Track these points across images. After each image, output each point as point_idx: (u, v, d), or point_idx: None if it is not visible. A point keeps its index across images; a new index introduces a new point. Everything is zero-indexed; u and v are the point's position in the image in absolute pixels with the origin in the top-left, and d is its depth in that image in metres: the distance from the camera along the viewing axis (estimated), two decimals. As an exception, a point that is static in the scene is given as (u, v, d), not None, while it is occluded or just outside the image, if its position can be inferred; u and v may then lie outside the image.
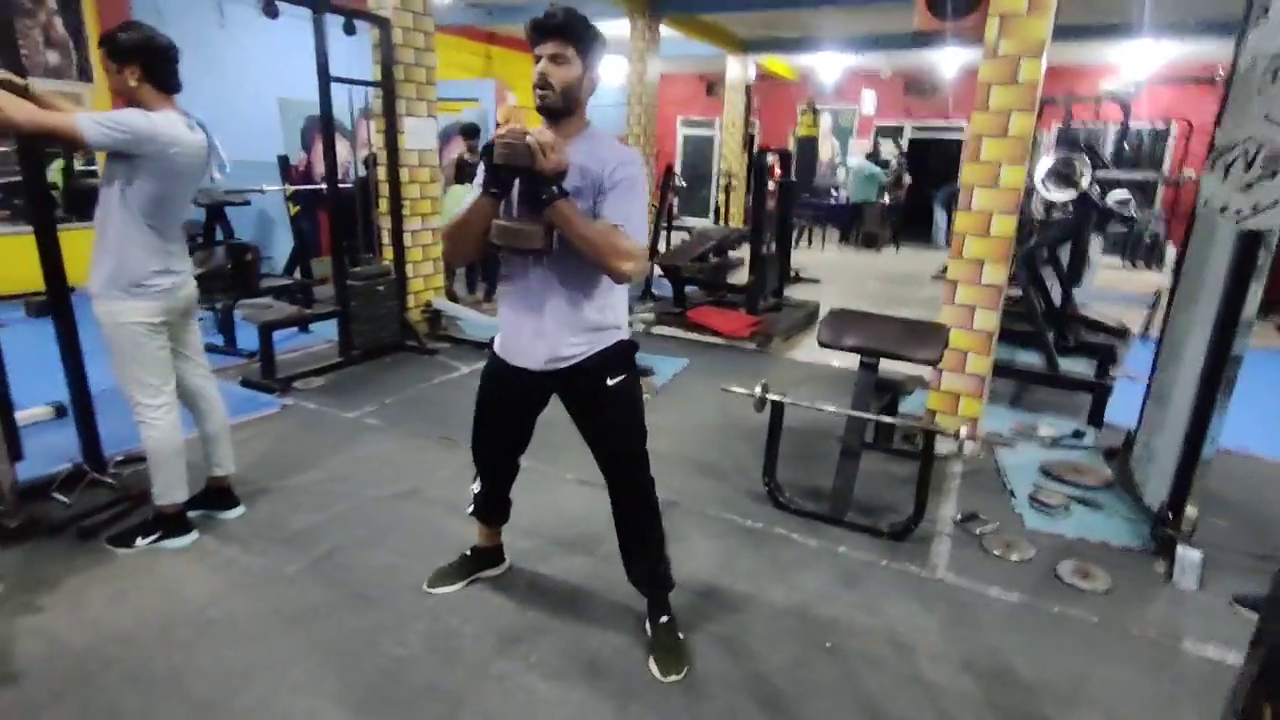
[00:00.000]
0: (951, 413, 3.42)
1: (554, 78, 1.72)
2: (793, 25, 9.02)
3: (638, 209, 1.77)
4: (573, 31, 1.72)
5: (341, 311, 4.42)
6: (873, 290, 7.91)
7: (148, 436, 2.35)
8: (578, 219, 1.69)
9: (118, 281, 2.22)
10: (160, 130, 2.15)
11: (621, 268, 1.71)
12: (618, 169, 1.75)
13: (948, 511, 2.90)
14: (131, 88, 2.18)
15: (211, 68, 6.78)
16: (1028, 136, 3.03)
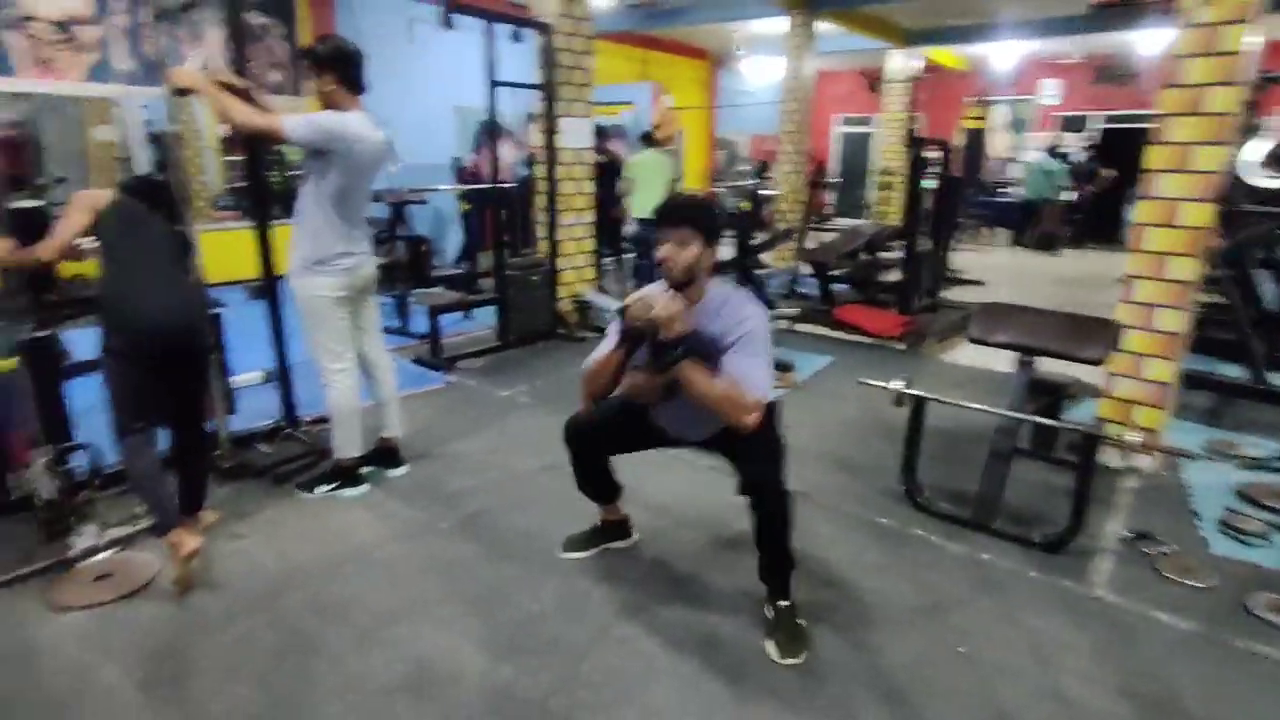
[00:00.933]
0: (1125, 423, 3.08)
1: (678, 259, 1.92)
2: (964, 11, 8.46)
3: (758, 362, 1.91)
4: (696, 220, 1.92)
5: (500, 299, 4.75)
6: (1046, 294, 7.24)
7: (329, 395, 2.69)
8: (698, 379, 1.86)
9: (309, 261, 2.55)
10: (349, 129, 2.46)
11: (743, 421, 1.86)
12: (738, 325, 1.92)
13: (1114, 528, 2.63)
14: (329, 90, 2.52)
15: (400, 80, 7.53)
16: (1228, 114, 2.67)
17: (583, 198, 5.24)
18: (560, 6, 4.78)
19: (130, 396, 2.22)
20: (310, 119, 2.43)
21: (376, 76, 6.08)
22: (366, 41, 7.77)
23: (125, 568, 2.30)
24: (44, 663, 1.90)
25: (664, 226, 1.94)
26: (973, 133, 9.41)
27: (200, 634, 2.02)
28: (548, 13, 4.78)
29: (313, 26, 6.82)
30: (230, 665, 1.91)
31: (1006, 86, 11.41)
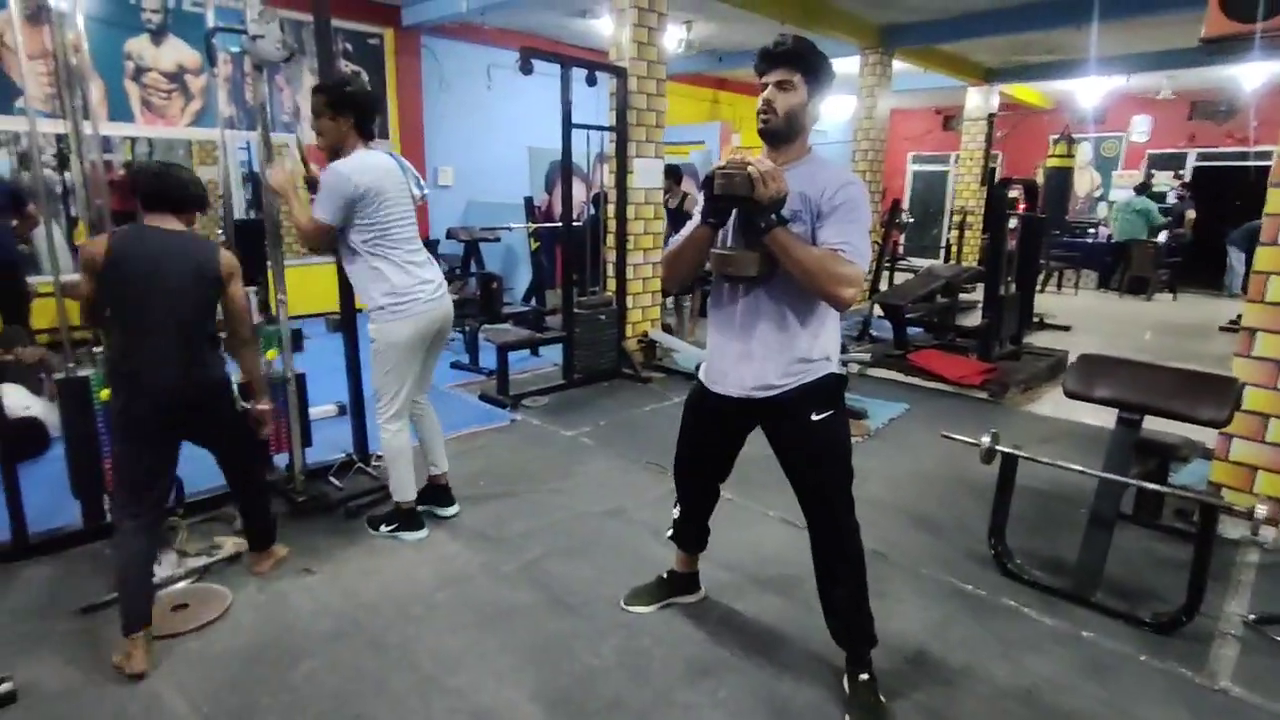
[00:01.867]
0: (1244, 489, 2.81)
1: (778, 103, 1.75)
2: (1048, 48, 8.22)
3: (858, 232, 1.72)
4: (800, 58, 1.75)
5: (567, 338, 4.77)
6: (1143, 343, 6.83)
7: (383, 439, 2.69)
8: (795, 245, 1.68)
9: (385, 305, 2.54)
10: (358, 181, 2.43)
11: (840, 293, 1.66)
12: (837, 192, 1.72)
13: (1235, 609, 2.37)
14: (342, 132, 2.50)
15: (480, 124, 7.82)
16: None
17: (651, 237, 5.25)
18: (635, 51, 4.85)
19: (126, 482, 2.11)
20: (326, 195, 2.43)
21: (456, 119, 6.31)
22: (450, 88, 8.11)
23: (201, 599, 2.34)
24: (117, 691, 1.92)
25: (764, 64, 1.75)
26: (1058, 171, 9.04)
27: (268, 670, 2.02)
28: (622, 57, 4.86)
29: (398, 74, 7.16)
30: (294, 705, 1.89)
31: (1092, 123, 10.99)
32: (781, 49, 1.75)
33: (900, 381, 5.04)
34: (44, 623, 2.21)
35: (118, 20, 5.54)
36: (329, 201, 2.44)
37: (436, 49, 7.35)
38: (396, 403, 2.65)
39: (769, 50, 1.77)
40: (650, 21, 4.90)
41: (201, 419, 2.21)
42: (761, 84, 1.79)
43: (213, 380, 2.21)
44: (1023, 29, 6.93)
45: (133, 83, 5.69)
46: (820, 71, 1.77)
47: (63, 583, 2.40)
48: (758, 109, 1.79)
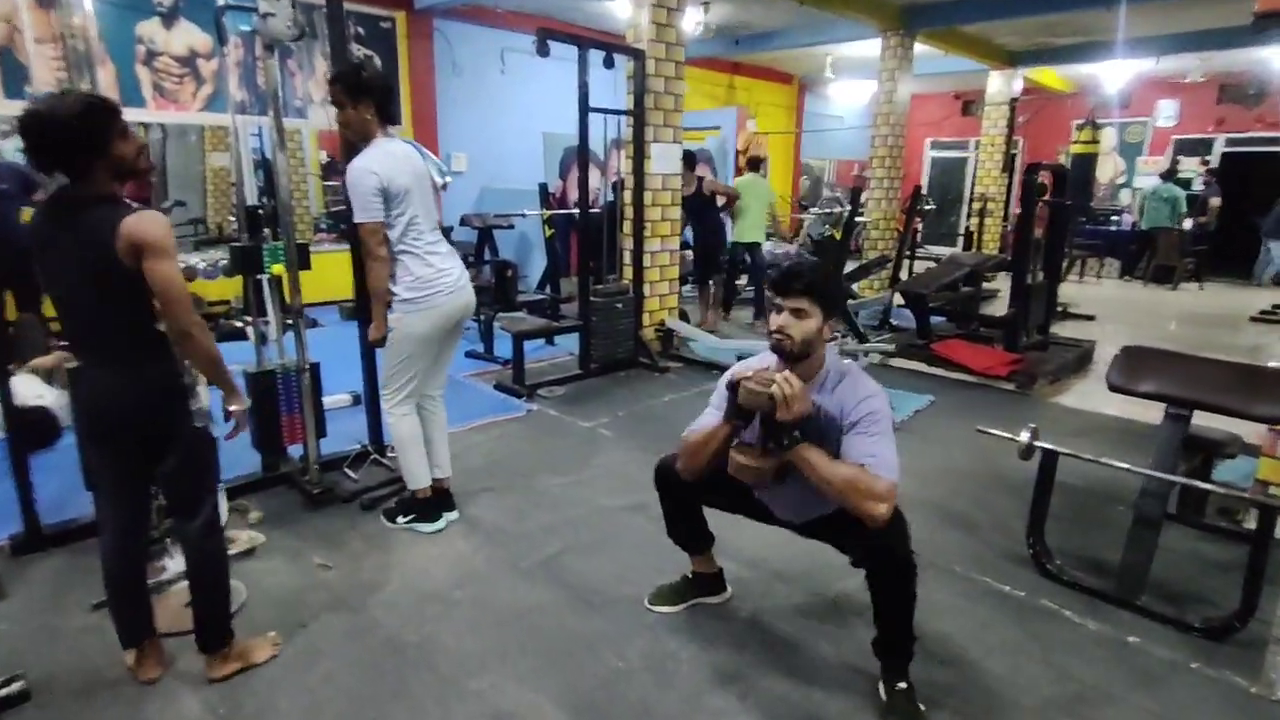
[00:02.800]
0: (1293, 487, 2.69)
1: (793, 330, 1.78)
2: (1071, 30, 7.99)
3: (884, 443, 1.73)
4: (816, 290, 1.78)
5: (584, 326, 4.68)
6: (1170, 333, 6.68)
7: (391, 425, 2.62)
8: (820, 464, 1.70)
9: (404, 298, 2.47)
10: (378, 170, 2.35)
11: (874, 510, 1.65)
12: (859, 405, 1.77)
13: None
14: (366, 120, 2.41)
15: (493, 109, 7.71)
16: None
17: (669, 224, 5.14)
18: (653, 33, 4.72)
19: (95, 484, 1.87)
20: (357, 197, 2.35)
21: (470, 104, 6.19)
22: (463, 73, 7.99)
23: (212, 595, 2.27)
24: (132, 691, 1.87)
25: (780, 295, 1.80)
26: (1082, 157, 8.82)
27: (285, 671, 1.96)
28: (640, 39, 4.74)
29: (411, 58, 7.05)
30: (312, 707, 1.83)
31: (1116, 108, 10.73)
32: (799, 283, 1.78)
33: (924, 372, 4.93)
34: (57, 618, 2.16)
35: (129, 3, 5.46)
36: (362, 200, 2.37)
37: (449, 32, 7.23)
38: (405, 391, 2.59)
39: (787, 281, 1.80)
40: (669, 2, 4.77)
41: (140, 440, 1.73)
42: (777, 306, 1.81)
43: (147, 391, 1.71)
44: (1051, 10, 6.74)
45: (144, 67, 5.62)
46: (833, 299, 1.84)
47: (76, 576, 2.35)
48: (772, 329, 1.81)
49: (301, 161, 7.06)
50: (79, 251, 1.61)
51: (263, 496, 2.90)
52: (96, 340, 1.69)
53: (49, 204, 1.67)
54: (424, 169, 2.57)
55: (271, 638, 2.05)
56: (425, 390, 2.71)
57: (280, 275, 2.83)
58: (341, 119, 2.45)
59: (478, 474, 3.14)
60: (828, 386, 1.84)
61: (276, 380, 2.89)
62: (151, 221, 1.61)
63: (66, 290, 1.66)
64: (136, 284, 1.62)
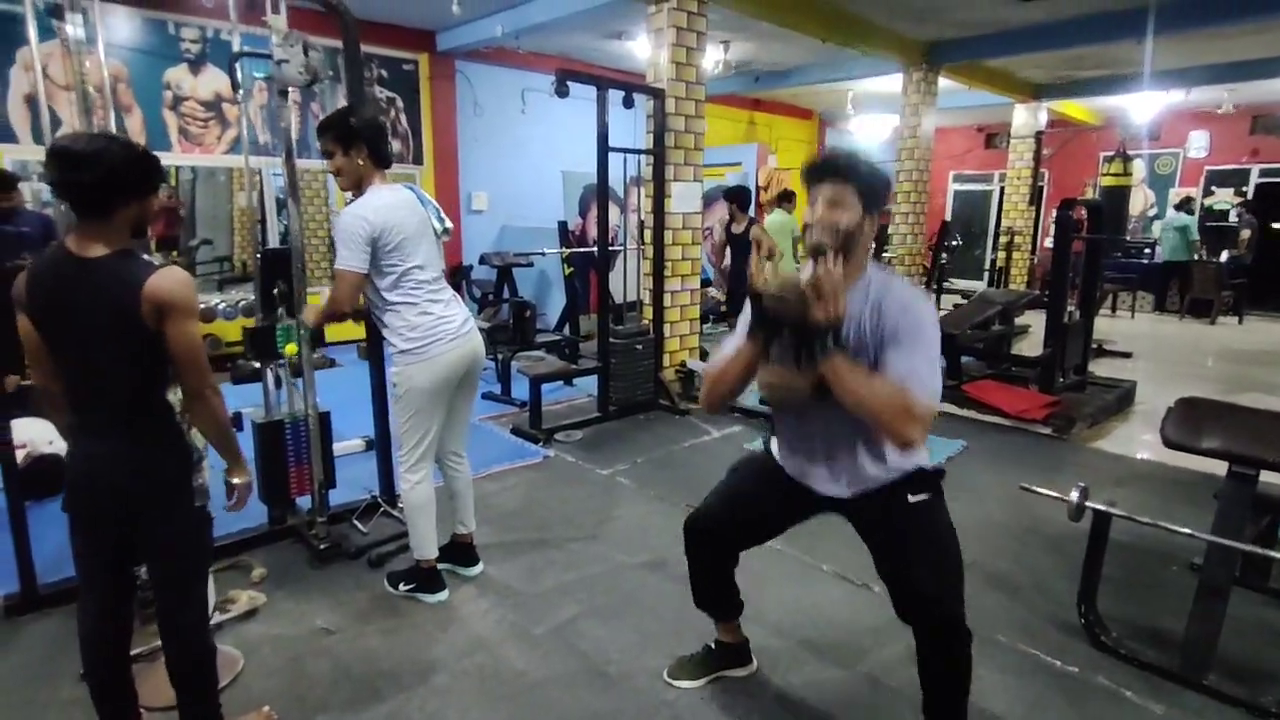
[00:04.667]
0: (1370, 550, 2.47)
1: (828, 221, 1.56)
2: (1100, 63, 7.88)
3: (926, 360, 1.52)
4: (852, 172, 1.57)
5: (603, 368, 4.58)
6: (1210, 371, 6.42)
7: (402, 490, 2.48)
8: (854, 378, 1.48)
9: (406, 349, 2.35)
10: (372, 219, 2.25)
11: (909, 433, 1.43)
12: (903, 314, 1.55)
13: (1377, 697, 2.05)
14: (359, 166, 2.31)
15: (514, 148, 7.75)
16: None
17: (689, 264, 5.05)
18: (672, 72, 4.69)
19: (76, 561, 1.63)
20: (344, 242, 2.25)
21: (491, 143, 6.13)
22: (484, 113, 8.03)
23: (209, 662, 2.15)
24: (113, 776, 1.74)
25: (814, 183, 1.59)
26: (1113, 190, 8.64)
27: (275, 752, 1.83)
28: (660, 78, 4.70)
29: (433, 99, 7.12)
30: (301, 798, 1.70)
31: (1146, 139, 10.55)
32: (832, 164, 1.60)
33: (955, 415, 4.74)
34: (47, 687, 2.06)
35: (159, 50, 5.58)
36: (349, 246, 2.26)
37: (470, 73, 7.31)
38: (419, 451, 2.44)
39: (818, 165, 1.62)
40: (689, 41, 4.75)
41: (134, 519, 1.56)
42: (811, 200, 1.61)
43: (152, 476, 1.55)
44: (1077, 43, 6.64)
45: (170, 112, 5.71)
46: (875, 189, 1.59)
47: (70, 640, 2.20)
48: (805, 222, 1.61)
49: (326, 200, 7.11)
50: (95, 311, 1.47)
51: (268, 551, 2.80)
52: (104, 407, 1.54)
53: (54, 260, 1.49)
54: (425, 216, 2.48)
55: (265, 713, 1.93)
56: (447, 447, 2.60)
57: (294, 354, 2.75)
58: (333, 168, 2.36)
59: (492, 527, 3.02)
60: (869, 294, 1.58)
61: (285, 430, 2.81)
62: (176, 281, 1.49)
63: (77, 352, 1.52)
64: (156, 347, 1.50)
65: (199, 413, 1.59)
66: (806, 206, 1.62)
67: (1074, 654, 2.24)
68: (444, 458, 2.64)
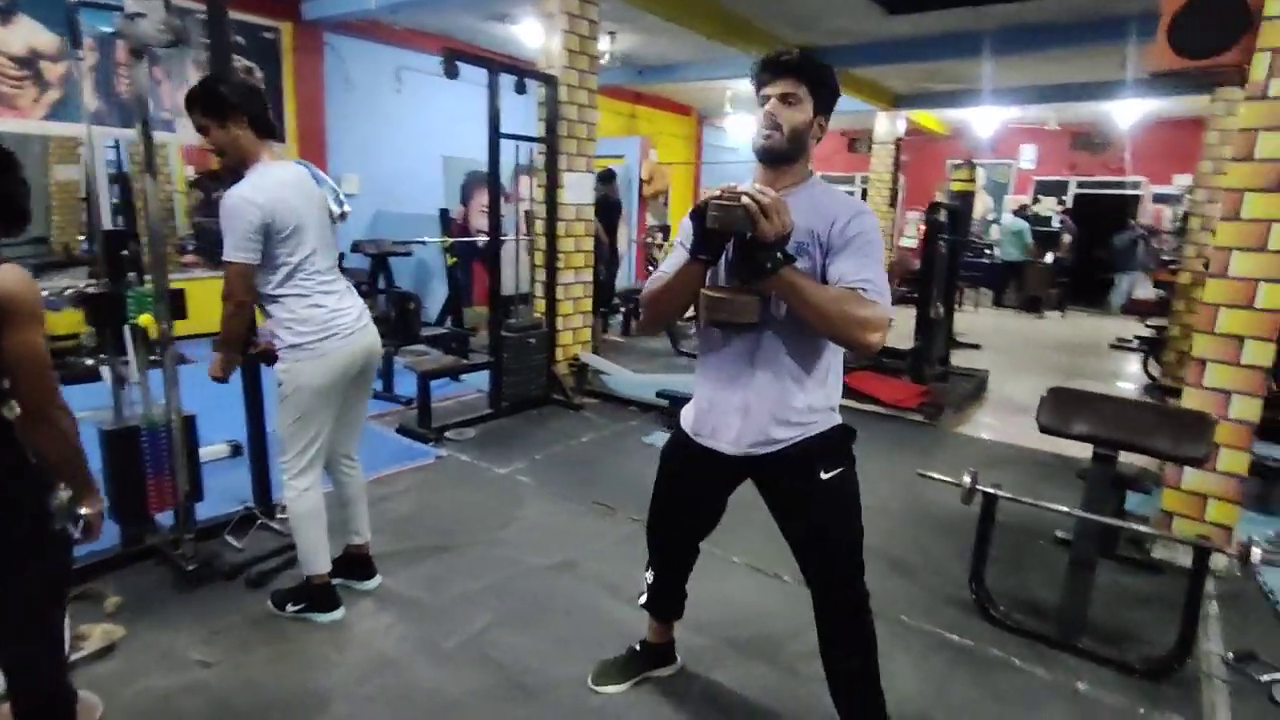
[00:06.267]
0: (1196, 517, 2.83)
1: (783, 118, 1.52)
2: (951, 78, 8.58)
3: (876, 266, 1.49)
4: (809, 69, 1.54)
5: (495, 363, 4.40)
6: (1047, 360, 7.15)
7: (287, 498, 2.23)
8: (809, 287, 1.44)
9: (293, 344, 2.13)
10: (261, 202, 2.01)
11: (867, 338, 1.41)
12: (850, 222, 1.51)
13: (1211, 646, 2.34)
14: (240, 141, 2.07)
15: (388, 130, 7.29)
16: (1310, 190, 2.51)
17: (583, 256, 4.97)
18: (566, 59, 4.58)
19: None
20: (231, 229, 1.99)
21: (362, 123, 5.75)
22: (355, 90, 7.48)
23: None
24: None
25: (767, 75, 1.53)
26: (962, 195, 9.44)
27: (148, 812, 1.59)
28: (553, 65, 4.58)
29: (297, 72, 6.56)
30: None
31: (985, 151, 11.63)
32: (787, 58, 1.54)
33: (837, 404, 4.97)
34: None
35: (-46, -6, 4.74)
36: (236, 236, 2.00)
37: (341, 47, 6.79)
38: (307, 455, 2.20)
39: (772, 59, 1.55)
40: (581, 29, 4.65)
41: None
42: (761, 97, 1.56)
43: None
44: (935, 58, 7.17)
45: (-27, 67, 4.87)
46: (829, 85, 1.57)
47: None
48: (759, 125, 1.56)
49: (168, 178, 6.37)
50: None
51: (123, 577, 2.45)
52: None
53: None
54: (320, 196, 2.26)
55: None
56: (338, 450, 2.37)
57: (149, 326, 2.41)
58: (211, 144, 2.08)
59: (387, 536, 2.80)
60: (810, 202, 1.54)
61: (141, 438, 2.46)
62: (16, 281, 1.24)
63: None
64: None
65: (44, 437, 1.32)
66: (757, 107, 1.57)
67: (968, 629, 2.40)
68: (335, 462, 2.41)
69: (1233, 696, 2.10)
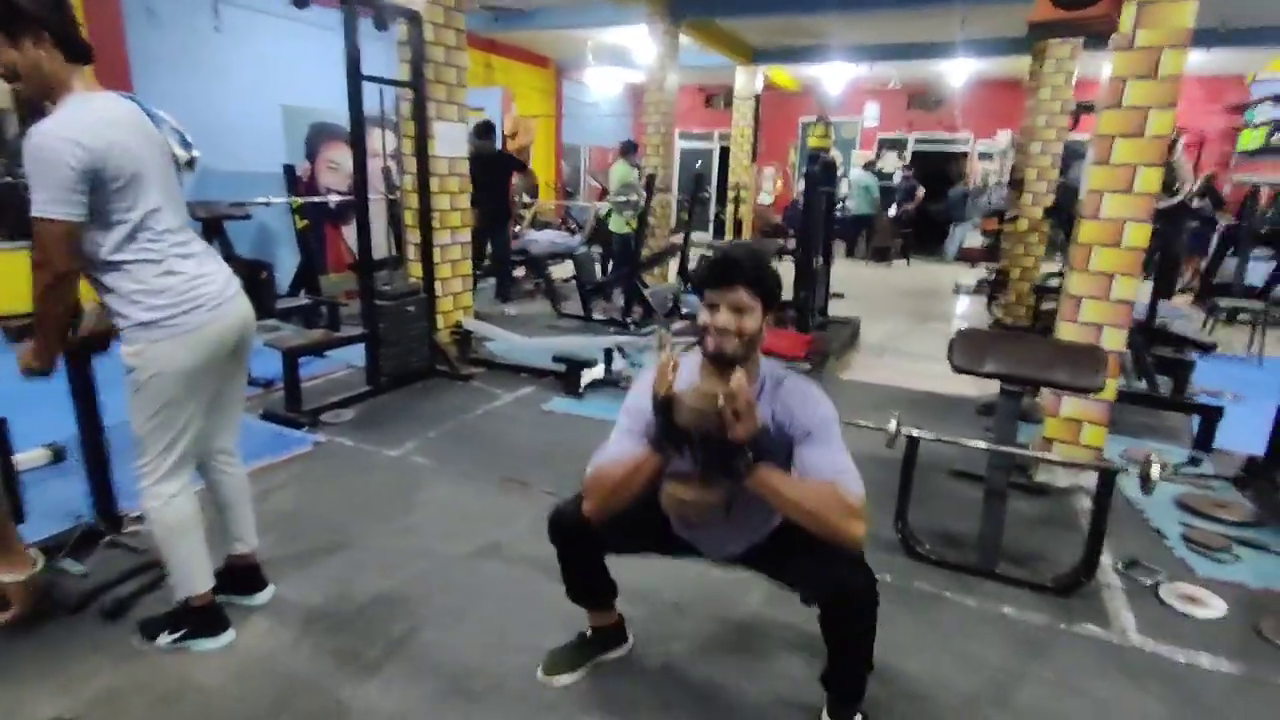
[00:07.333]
0: (1072, 441, 3.09)
1: (736, 329, 1.49)
2: (805, 33, 8.78)
3: (844, 452, 1.52)
4: (758, 280, 1.50)
5: (370, 335, 3.99)
6: (901, 306, 7.65)
7: (151, 510, 1.83)
8: (786, 485, 1.46)
9: (144, 321, 1.73)
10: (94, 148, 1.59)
11: (853, 530, 1.43)
12: (812, 413, 1.54)
13: (1104, 558, 2.56)
14: (43, 63, 1.63)
15: (208, 74, 6.33)
16: (1168, 136, 2.73)
17: (459, 214, 4.60)
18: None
19: None
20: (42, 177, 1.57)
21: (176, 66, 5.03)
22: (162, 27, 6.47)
23: None
24: None
25: (717, 288, 1.49)
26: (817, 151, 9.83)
27: None
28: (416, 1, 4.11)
29: (86, 5, 5.49)
30: None
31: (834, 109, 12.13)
32: (740, 274, 1.48)
33: (728, 358, 5.01)
34: None
35: None
36: (52, 186, 1.57)
37: (141, -25, 5.77)
38: (173, 454, 1.82)
39: (726, 272, 1.49)
40: (445, -40, 4.20)
41: None
42: (709, 305, 1.52)
43: None
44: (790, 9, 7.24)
45: None
46: (775, 290, 1.55)
47: None
48: (710, 333, 1.51)
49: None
50: None
51: (-75, 627, 1.94)
52: None
53: None
54: (161, 138, 1.84)
55: None
56: (213, 445, 2.00)
57: None
58: (4, 70, 1.63)
59: (273, 538, 2.43)
60: (768, 392, 1.58)
61: (-67, 452, 1.94)
62: None
63: None
64: None
65: None
66: (703, 310, 1.53)
67: (895, 567, 2.47)
68: (209, 460, 2.04)
69: (1131, 603, 2.30)
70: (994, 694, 1.89)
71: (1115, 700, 1.88)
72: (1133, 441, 3.62)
